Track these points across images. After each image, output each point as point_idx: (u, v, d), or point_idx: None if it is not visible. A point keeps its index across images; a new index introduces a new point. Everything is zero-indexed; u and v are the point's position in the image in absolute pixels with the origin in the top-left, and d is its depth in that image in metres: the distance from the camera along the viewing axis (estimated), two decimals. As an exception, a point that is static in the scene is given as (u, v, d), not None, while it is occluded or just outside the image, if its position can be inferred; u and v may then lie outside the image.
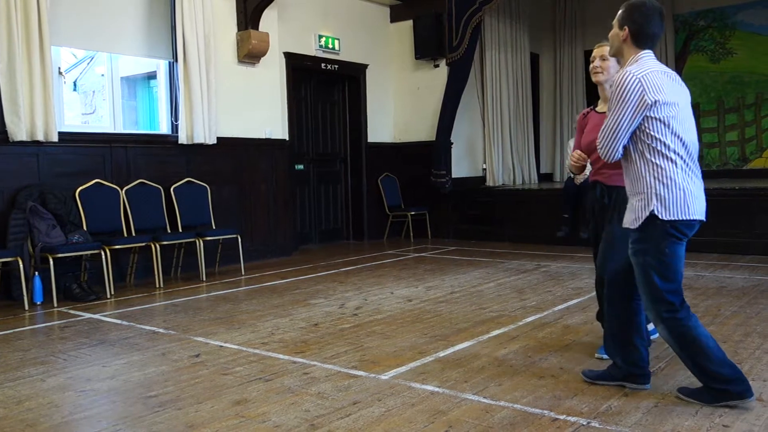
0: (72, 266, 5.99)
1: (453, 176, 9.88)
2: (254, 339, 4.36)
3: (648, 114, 2.88)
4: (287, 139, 8.65)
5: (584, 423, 2.80)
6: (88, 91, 9.99)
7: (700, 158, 10.78)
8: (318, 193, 9.81)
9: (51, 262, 5.60)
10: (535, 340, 4.17)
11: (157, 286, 6.44)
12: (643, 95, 2.86)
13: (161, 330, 4.68)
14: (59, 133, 6.17)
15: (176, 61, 7.20)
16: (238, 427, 2.86)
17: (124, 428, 2.89)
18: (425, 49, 9.99)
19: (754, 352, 3.77)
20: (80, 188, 6.31)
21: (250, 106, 8.04)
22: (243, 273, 7.12)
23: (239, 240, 7.16)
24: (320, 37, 9.27)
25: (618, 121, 2.90)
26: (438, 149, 9.70)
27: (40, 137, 6.00)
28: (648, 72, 2.91)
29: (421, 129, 10.26)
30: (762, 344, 3.92)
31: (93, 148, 6.59)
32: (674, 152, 2.90)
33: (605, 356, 3.55)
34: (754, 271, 6.43)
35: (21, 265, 5.46)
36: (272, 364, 3.79)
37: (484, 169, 10.71)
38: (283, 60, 8.74)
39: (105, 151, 6.67)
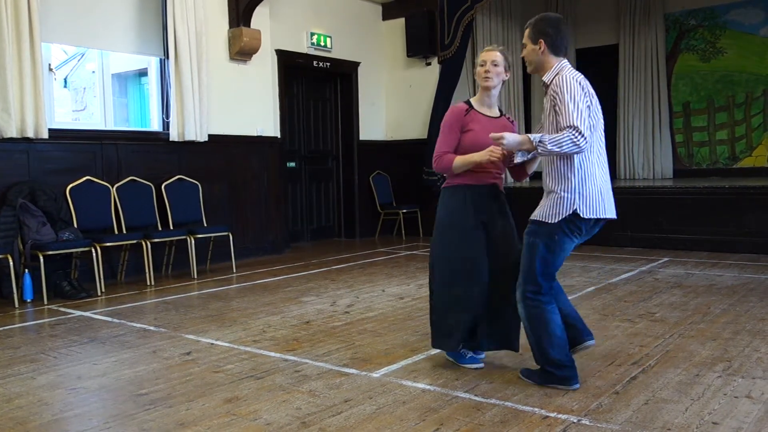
0: (62, 264, 5.96)
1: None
2: (245, 337, 4.36)
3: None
4: (279, 136, 8.63)
5: (575, 420, 2.81)
6: (78, 88, 9.95)
7: (691, 156, 10.91)
8: (310, 191, 9.80)
9: (41, 260, 5.58)
10: (526, 337, 4.17)
11: (148, 283, 6.43)
12: (585, 96, 3.13)
13: (152, 328, 4.67)
14: (49, 130, 6.14)
15: (167, 58, 7.18)
16: (229, 425, 2.86)
17: (115, 426, 2.88)
18: (417, 47, 9.99)
19: (743, 350, 3.80)
20: (71, 185, 6.28)
21: (241, 103, 8.02)
22: (234, 270, 7.11)
23: (230, 237, 7.15)
24: (312, 34, 9.25)
25: (584, 114, 3.07)
26: (430, 147, 9.69)
27: (30, 134, 5.97)
28: (581, 77, 3.21)
29: (413, 127, 10.27)
30: (751, 342, 3.94)
31: (83, 145, 6.56)
32: (595, 153, 3.20)
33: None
34: (744, 269, 6.47)
35: (11, 263, 5.43)
36: (263, 361, 3.79)
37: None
38: (275, 57, 8.72)
39: (96, 148, 6.64)
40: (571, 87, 3.11)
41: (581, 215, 3.14)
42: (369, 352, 3.94)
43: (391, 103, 10.61)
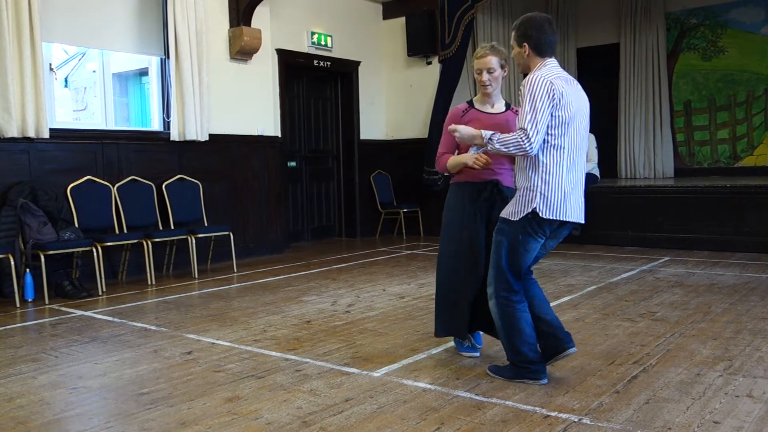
0: (63, 263, 5.97)
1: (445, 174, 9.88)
2: (246, 336, 4.36)
3: (552, 113, 3.11)
4: (279, 136, 8.63)
5: (576, 420, 2.81)
6: (79, 88, 9.96)
7: (692, 155, 10.90)
8: (310, 191, 9.80)
9: (42, 259, 5.58)
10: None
11: (149, 283, 6.43)
12: (552, 96, 3.08)
13: (153, 327, 4.67)
14: (50, 129, 6.15)
15: (168, 57, 7.18)
16: (230, 424, 2.86)
17: (116, 425, 2.88)
18: (418, 47, 9.99)
19: (744, 349, 3.79)
20: (72, 185, 6.29)
21: (242, 103, 8.02)
22: (235, 270, 7.11)
23: (231, 237, 7.15)
24: (313, 33, 9.25)
25: (539, 116, 3.05)
26: (430, 146, 9.69)
27: (31, 134, 5.97)
28: (556, 77, 3.15)
29: (414, 126, 10.27)
30: (752, 341, 3.94)
31: (84, 145, 6.56)
32: (566, 155, 3.15)
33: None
34: (745, 269, 6.47)
35: (12, 262, 5.43)
36: (264, 361, 3.79)
37: (477, 167, 10.71)
38: (276, 57, 8.72)
39: (96, 148, 6.65)
40: (534, 88, 3.09)
41: (540, 215, 3.14)
42: (370, 351, 3.94)
43: (391, 103, 10.61)
